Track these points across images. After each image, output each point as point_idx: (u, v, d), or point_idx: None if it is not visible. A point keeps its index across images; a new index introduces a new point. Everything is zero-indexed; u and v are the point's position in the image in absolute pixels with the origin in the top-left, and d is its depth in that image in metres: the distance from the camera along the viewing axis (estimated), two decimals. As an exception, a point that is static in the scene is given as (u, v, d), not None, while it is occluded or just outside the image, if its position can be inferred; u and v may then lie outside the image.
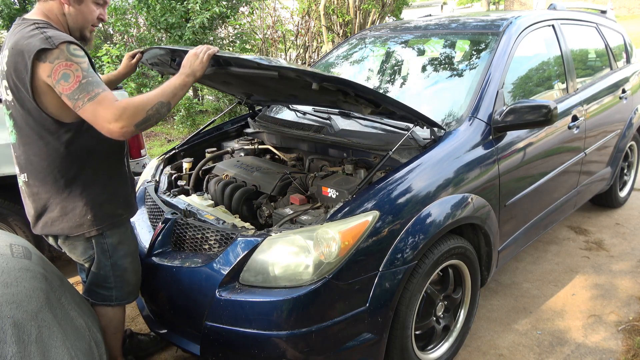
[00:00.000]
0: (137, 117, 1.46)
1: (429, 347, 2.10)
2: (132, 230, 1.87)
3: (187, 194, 2.33)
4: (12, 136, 1.65)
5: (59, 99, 1.50)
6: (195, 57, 1.63)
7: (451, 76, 2.57)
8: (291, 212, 1.84)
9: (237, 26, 8.25)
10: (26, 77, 1.47)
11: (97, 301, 1.85)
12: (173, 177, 2.47)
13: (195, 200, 2.16)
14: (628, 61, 3.76)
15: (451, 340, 2.17)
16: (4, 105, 1.63)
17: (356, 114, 2.41)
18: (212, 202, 2.17)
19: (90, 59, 1.55)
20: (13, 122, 1.61)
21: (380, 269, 1.69)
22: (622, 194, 3.87)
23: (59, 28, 1.58)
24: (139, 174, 3.04)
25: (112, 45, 8.02)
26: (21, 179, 1.69)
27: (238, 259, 1.67)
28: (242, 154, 2.71)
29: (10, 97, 1.56)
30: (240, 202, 2.10)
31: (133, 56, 2.08)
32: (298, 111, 2.70)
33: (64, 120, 1.56)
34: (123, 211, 1.78)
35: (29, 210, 1.72)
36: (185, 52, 1.67)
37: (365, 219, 1.67)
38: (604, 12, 3.79)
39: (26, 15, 1.60)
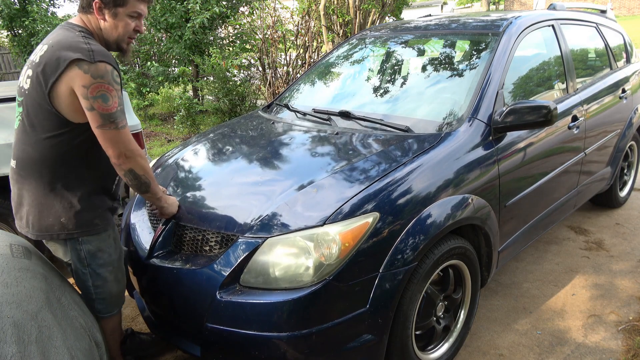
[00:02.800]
0: (136, 169, 1.67)
1: (429, 347, 2.10)
2: (115, 238, 1.84)
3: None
4: (17, 122, 1.69)
5: (74, 104, 1.56)
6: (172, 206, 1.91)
7: (451, 76, 2.57)
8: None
9: (237, 26, 8.25)
10: (52, 75, 1.52)
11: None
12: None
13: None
14: (628, 61, 3.76)
15: (451, 340, 2.17)
16: (17, 93, 1.68)
17: (356, 114, 2.42)
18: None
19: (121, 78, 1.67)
20: (22, 109, 1.64)
21: (381, 270, 1.69)
22: (622, 194, 3.87)
23: (96, 40, 1.64)
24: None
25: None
26: (11, 164, 1.72)
27: (239, 261, 1.68)
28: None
29: (27, 86, 1.61)
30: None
31: None
32: (298, 112, 2.70)
33: (72, 120, 1.60)
34: (100, 222, 1.75)
35: (13, 197, 1.74)
36: None
37: (366, 221, 1.67)
38: (604, 12, 3.79)
39: (71, 20, 1.66)
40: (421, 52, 2.93)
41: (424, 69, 2.76)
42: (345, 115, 2.44)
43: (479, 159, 2.09)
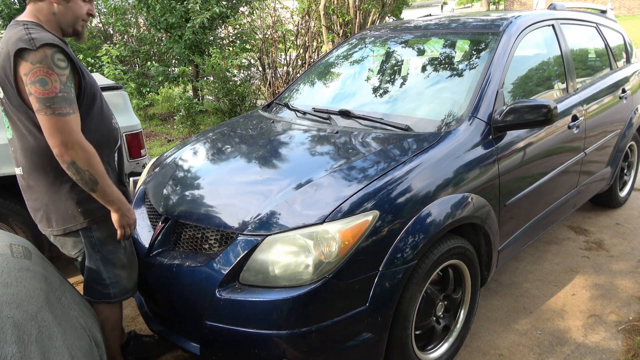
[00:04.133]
0: (78, 162, 1.56)
1: (429, 347, 2.10)
2: None
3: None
4: (8, 132, 1.70)
5: None
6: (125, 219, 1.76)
7: (451, 76, 2.57)
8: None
9: (237, 26, 8.25)
10: (10, 74, 1.53)
11: (96, 299, 1.86)
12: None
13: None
14: (628, 61, 3.76)
15: (451, 340, 2.17)
16: None
17: (356, 113, 2.42)
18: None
19: (74, 62, 1.60)
20: (7, 118, 1.67)
21: (380, 269, 1.69)
22: (622, 194, 3.87)
23: (49, 29, 1.63)
24: (139, 173, 3.04)
25: (112, 45, 8.03)
26: (17, 173, 1.74)
27: (238, 259, 1.67)
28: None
29: (1, 95, 1.62)
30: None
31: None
32: (298, 111, 2.70)
33: None
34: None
35: (28, 204, 1.77)
36: None
37: (365, 219, 1.67)
38: (604, 12, 3.79)
39: (18, 17, 1.64)
40: (421, 52, 2.93)
41: (424, 68, 2.76)
42: (345, 114, 2.44)
43: (479, 158, 2.09)
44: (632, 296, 2.67)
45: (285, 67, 7.73)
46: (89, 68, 7.57)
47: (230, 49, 8.04)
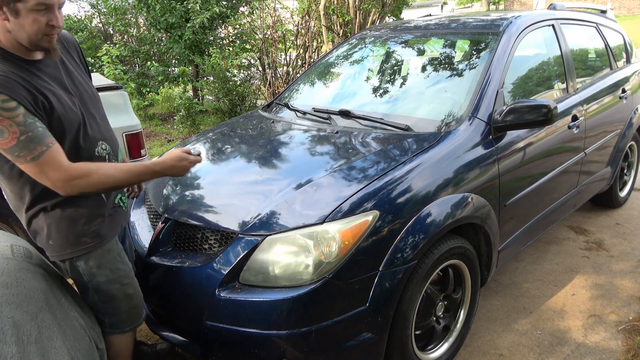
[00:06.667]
0: (85, 189, 1.44)
1: (429, 347, 2.10)
2: (119, 253, 1.70)
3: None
4: None
5: None
6: (181, 160, 1.62)
7: (451, 76, 2.57)
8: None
9: (237, 26, 8.26)
10: None
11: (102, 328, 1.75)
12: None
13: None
14: (628, 61, 3.76)
15: (451, 340, 2.17)
16: None
17: (356, 113, 2.42)
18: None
19: (33, 96, 1.38)
20: None
21: (380, 269, 1.69)
22: (622, 194, 3.87)
23: (10, 48, 1.42)
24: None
25: (112, 45, 8.03)
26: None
27: (238, 259, 1.68)
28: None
29: None
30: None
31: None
32: (298, 111, 2.70)
33: None
34: (90, 240, 1.60)
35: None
36: None
37: (365, 219, 1.67)
38: (604, 12, 3.79)
39: None
40: (421, 52, 2.93)
41: (424, 68, 2.76)
42: (345, 114, 2.44)
43: (479, 158, 2.09)
44: (632, 296, 2.67)
45: (285, 67, 7.74)
46: (89, 68, 7.56)
47: (230, 49, 8.05)
